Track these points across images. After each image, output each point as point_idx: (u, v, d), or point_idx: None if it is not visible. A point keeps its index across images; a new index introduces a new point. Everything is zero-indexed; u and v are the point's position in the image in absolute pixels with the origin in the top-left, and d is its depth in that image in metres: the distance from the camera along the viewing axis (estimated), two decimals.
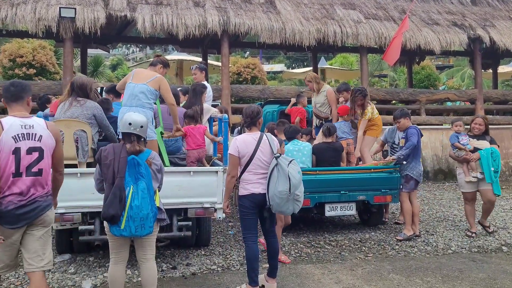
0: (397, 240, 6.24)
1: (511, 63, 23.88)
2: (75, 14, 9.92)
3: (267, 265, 4.53)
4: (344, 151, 6.88)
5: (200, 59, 16.66)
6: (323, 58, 25.15)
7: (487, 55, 14.89)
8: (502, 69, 21.40)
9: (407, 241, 6.19)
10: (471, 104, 14.34)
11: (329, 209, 6.35)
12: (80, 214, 4.73)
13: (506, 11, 14.44)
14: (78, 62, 16.06)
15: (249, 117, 4.38)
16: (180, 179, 4.97)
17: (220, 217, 5.11)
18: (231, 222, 7.18)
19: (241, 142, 4.29)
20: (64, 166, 3.69)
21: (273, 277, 4.45)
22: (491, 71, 17.68)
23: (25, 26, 10.08)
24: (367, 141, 7.16)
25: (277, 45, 11.86)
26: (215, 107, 7.24)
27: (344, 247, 6.00)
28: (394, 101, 14.92)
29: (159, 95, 5.17)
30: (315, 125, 7.73)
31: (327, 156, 6.53)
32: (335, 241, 6.24)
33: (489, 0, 14.77)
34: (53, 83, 11.38)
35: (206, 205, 5.05)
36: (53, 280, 4.72)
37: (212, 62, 20.27)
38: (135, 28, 11.75)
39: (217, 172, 5.07)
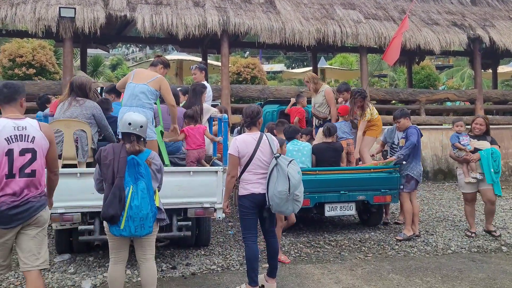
0: (397, 240, 6.24)
1: (510, 63, 23.88)
2: (75, 14, 9.92)
3: (267, 265, 4.53)
4: (344, 151, 6.88)
5: (200, 59, 16.65)
6: (323, 58, 25.16)
7: (487, 55, 14.90)
8: (501, 69, 21.41)
9: (407, 241, 6.19)
10: (471, 104, 14.34)
11: (328, 209, 6.35)
12: (79, 214, 4.73)
13: (506, 11, 14.44)
14: (78, 62, 16.06)
15: (249, 117, 4.38)
16: (180, 179, 4.97)
17: (219, 217, 5.11)
18: (230, 222, 7.18)
19: (241, 142, 4.29)
20: (58, 166, 3.69)
21: (273, 277, 4.45)
22: (490, 71, 17.69)
23: (25, 26, 10.07)
24: (367, 141, 7.17)
25: (277, 45, 11.86)
26: (214, 107, 7.24)
27: (343, 247, 6.00)
28: (394, 101, 14.93)
29: (159, 95, 5.17)
30: (315, 125, 7.73)
31: (327, 156, 6.54)
32: (335, 241, 6.24)
33: (488, 0, 14.77)
34: (53, 83, 11.39)
35: (205, 205, 5.05)
36: (52, 280, 4.72)
37: (212, 62, 20.27)
38: (134, 28, 11.75)
39: (216, 172, 5.07)
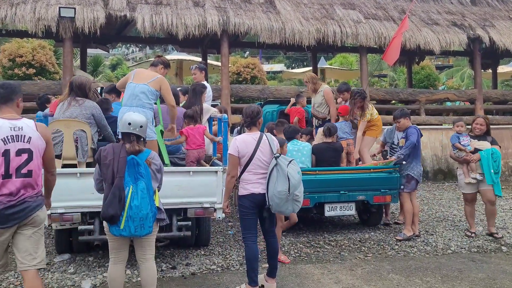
0: (397, 240, 6.24)
1: (510, 63, 23.88)
2: (75, 14, 9.91)
3: (267, 265, 4.53)
4: (344, 151, 6.88)
5: (199, 59, 16.65)
6: (322, 58, 25.16)
7: (487, 55, 14.90)
8: (501, 69, 21.41)
9: (407, 241, 6.19)
10: (471, 104, 14.34)
11: (328, 209, 6.35)
12: (79, 214, 4.73)
13: (505, 11, 14.44)
14: (77, 62, 16.06)
15: (249, 117, 4.38)
16: (179, 179, 4.97)
17: (219, 217, 5.11)
18: (230, 222, 7.18)
19: (241, 142, 4.29)
20: (55, 166, 3.69)
21: (273, 277, 4.45)
22: (490, 71, 17.69)
23: (25, 26, 10.07)
24: (367, 141, 7.17)
25: (277, 45, 11.86)
26: (214, 107, 7.24)
27: (343, 247, 6.00)
28: (393, 101, 14.92)
29: (159, 95, 5.17)
30: (315, 125, 7.73)
31: (327, 156, 6.53)
32: (335, 241, 6.24)
33: (488, 0, 14.77)
34: (53, 83, 11.39)
35: (205, 205, 5.05)
36: (52, 280, 4.72)
37: (211, 62, 20.27)
38: (134, 28, 11.74)
39: (216, 172, 5.07)
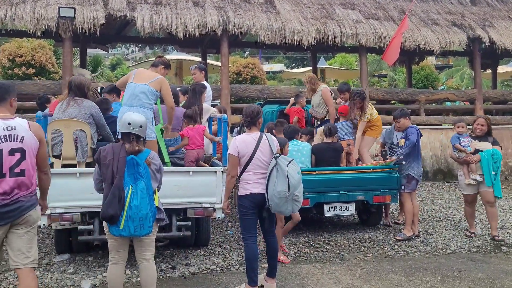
0: (396, 240, 6.25)
1: (510, 63, 23.89)
2: (75, 13, 9.92)
3: (267, 265, 4.53)
4: (344, 151, 6.88)
5: (199, 59, 16.65)
6: (322, 58, 25.16)
7: (487, 55, 14.91)
8: (501, 69, 21.42)
9: (406, 241, 6.19)
10: (471, 104, 14.34)
11: (328, 209, 6.35)
12: (79, 214, 4.73)
13: (505, 11, 14.44)
14: (77, 61, 16.06)
15: (249, 116, 4.37)
16: (179, 179, 4.97)
17: (219, 217, 5.10)
18: (230, 222, 7.18)
19: (241, 142, 4.29)
20: (49, 165, 3.68)
21: (273, 277, 4.45)
22: (490, 71, 17.70)
23: (25, 25, 10.07)
24: (367, 141, 7.16)
25: (277, 45, 11.87)
26: (214, 106, 7.24)
27: (343, 247, 6.00)
28: (393, 101, 14.93)
29: (159, 96, 5.17)
30: (315, 126, 7.74)
31: (326, 156, 6.53)
32: (334, 241, 6.24)
33: (488, 0, 14.78)
34: (53, 83, 11.39)
35: (205, 205, 5.04)
36: (52, 280, 4.72)
37: (211, 62, 20.27)
38: (134, 27, 11.74)
39: (216, 172, 5.07)
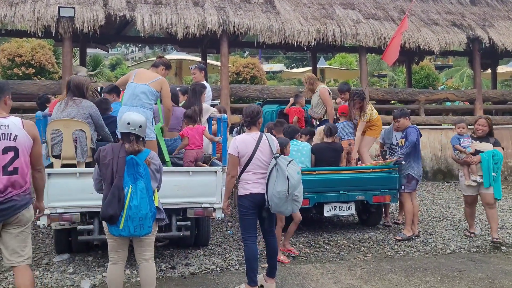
0: (396, 240, 6.25)
1: (510, 63, 23.89)
2: (74, 13, 9.91)
3: (266, 265, 4.53)
4: (345, 151, 6.89)
5: (199, 59, 16.64)
6: (322, 58, 25.16)
7: (486, 55, 14.91)
8: (501, 69, 21.43)
9: (406, 241, 6.19)
10: (470, 104, 14.34)
11: (328, 209, 6.35)
12: (79, 213, 4.72)
13: (505, 11, 14.44)
14: (77, 61, 16.05)
15: (249, 116, 4.37)
16: (179, 179, 4.97)
17: (219, 217, 5.10)
18: (230, 222, 7.18)
19: (241, 142, 4.28)
20: (43, 164, 3.69)
21: (272, 277, 4.45)
22: (490, 71, 17.69)
23: (24, 25, 10.07)
24: (367, 141, 7.16)
25: (276, 45, 11.87)
26: (213, 106, 7.23)
27: (343, 247, 6.00)
28: (393, 101, 14.92)
29: (159, 96, 5.18)
30: (315, 126, 7.74)
31: (326, 156, 6.53)
32: (334, 241, 6.24)
33: (488, 0, 14.78)
34: (52, 83, 11.38)
35: (205, 205, 5.04)
36: (51, 279, 4.72)
37: (211, 61, 20.26)
38: (134, 27, 11.74)
39: (216, 172, 5.07)
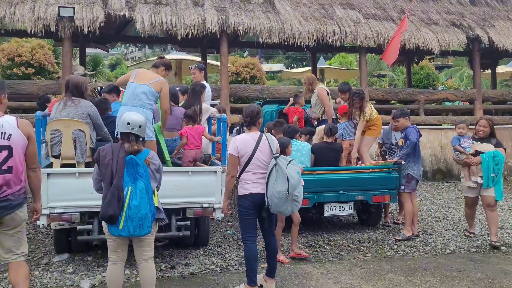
0: (396, 240, 6.25)
1: (510, 63, 23.90)
2: (74, 13, 9.91)
3: (266, 265, 4.53)
4: (347, 151, 6.89)
5: (199, 59, 16.64)
6: (322, 58, 25.16)
7: (486, 55, 14.91)
8: (501, 69, 21.44)
9: (406, 241, 6.19)
10: (470, 104, 14.34)
11: (327, 209, 6.35)
12: (78, 213, 4.72)
13: (505, 11, 14.45)
14: (77, 61, 16.04)
15: (249, 116, 4.37)
16: (178, 178, 4.97)
17: (218, 217, 5.10)
18: (229, 222, 7.18)
19: (241, 142, 4.28)
20: (38, 163, 3.71)
21: (272, 276, 4.45)
22: (489, 71, 17.70)
23: (24, 25, 10.06)
24: (367, 141, 7.16)
25: (276, 44, 11.87)
26: (213, 106, 7.23)
27: (342, 247, 6.00)
28: (393, 101, 14.92)
29: (159, 96, 5.17)
30: (315, 126, 7.75)
31: (326, 156, 6.53)
32: (334, 241, 6.24)
33: (488, 0, 14.78)
34: (52, 83, 11.37)
35: (204, 205, 5.04)
36: (51, 279, 4.72)
37: (211, 61, 20.26)
38: (134, 27, 11.74)
39: (215, 171, 5.07)
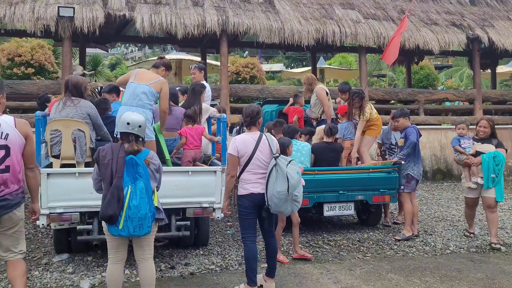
0: (396, 240, 6.25)
1: (509, 63, 23.91)
2: (74, 13, 9.90)
3: (266, 265, 4.53)
4: (348, 151, 6.89)
5: (199, 59, 16.64)
6: (322, 58, 25.15)
7: (486, 55, 14.91)
8: (500, 69, 21.44)
9: (406, 241, 6.19)
10: (470, 104, 14.34)
11: (327, 209, 6.35)
12: (78, 213, 4.72)
13: (504, 11, 14.45)
14: (77, 61, 16.03)
15: (249, 116, 4.37)
16: (178, 178, 4.97)
17: (218, 217, 5.10)
18: (229, 222, 7.18)
19: (241, 142, 4.28)
20: (36, 163, 3.72)
21: (272, 276, 4.45)
22: (489, 71, 17.70)
23: (24, 25, 10.06)
24: (367, 141, 7.16)
25: (276, 44, 11.87)
26: (213, 106, 7.23)
27: (342, 247, 6.00)
28: (392, 101, 14.92)
29: (159, 97, 5.17)
30: (315, 125, 7.76)
31: (326, 156, 6.53)
32: (334, 241, 6.24)
33: (487, 0, 14.78)
34: (52, 82, 11.37)
35: (204, 205, 5.04)
36: (51, 279, 4.72)
37: (211, 61, 20.25)
38: (133, 27, 11.74)
39: (215, 171, 5.07)
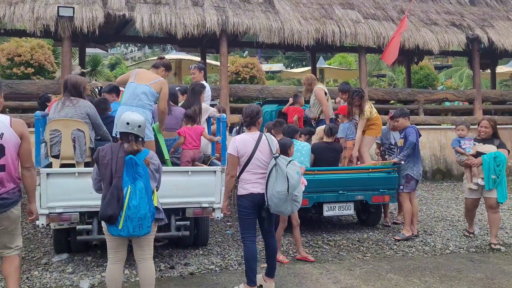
0: (395, 240, 6.25)
1: (509, 63, 23.91)
2: (74, 13, 9.89)
3: (265, 265, 4.53)
4: (350, 151, 6.89)
5: (198, 59, 16.64)
6: (321, 57, 25.13)
7: (486, 55, 14.91)
8: (500, 69, 21.44)
9: (405, 241, 6.19)
10: (469, 104, 14.34)
11: (327, 209, 6.35)
12: (78, 213, 4.72)
13: (504, 11, 14.45)
14: (76, 61, 16.03)
15: (248, 116, 4.37)
16: (178, 178, 4.97)
17: (218, 217, 5.10)
18: (229, 221, 7.18)
19: (240, 142, 4.28)
20: (33, 163, 3.73)
21: (271, 276, 4.45)
22: (489, 71, 17.70)
23: (23, 25, 10.05)
24: (367, 141, 7.15)
25: (276, 44, 11.87)
26: (213, 106, 7.23)
27: (342, 247, 6.00)
28: (392, 101, 14.93)
29: (159, 97, 5.17)
30: (314, 125, 7.77)
31: (326, 156, 6.53)
32: (333, 241, 6.24)
33: (487, 0, 14.78)
34: (51, 82, 11.36)
35: (204, 205, 5.04)
36: (50, 279, 4.72)
37: (210, 61, 20.25)
38: (133, 27, 11.73)
39: (215, 171, 5.07)
